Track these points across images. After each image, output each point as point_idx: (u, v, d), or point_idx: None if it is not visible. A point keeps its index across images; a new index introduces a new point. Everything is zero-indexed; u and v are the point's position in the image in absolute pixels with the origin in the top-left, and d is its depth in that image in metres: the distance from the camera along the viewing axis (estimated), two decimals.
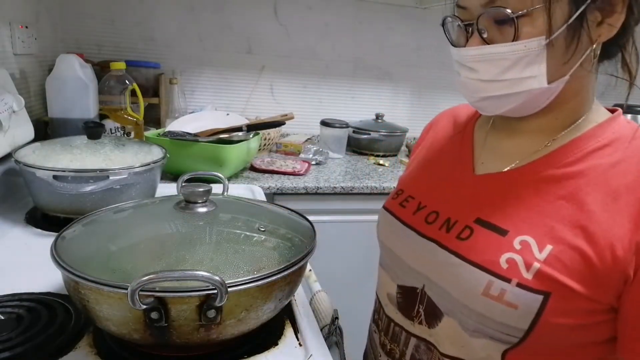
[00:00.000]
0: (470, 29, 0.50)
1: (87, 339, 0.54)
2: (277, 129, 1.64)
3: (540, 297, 0.45)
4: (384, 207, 0.65)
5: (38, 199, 0.88)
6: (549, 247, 0.46)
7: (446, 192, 0.58)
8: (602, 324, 0.46)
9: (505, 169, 0.54)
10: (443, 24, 0.55)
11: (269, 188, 1.29)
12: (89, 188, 0.82)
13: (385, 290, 0.61)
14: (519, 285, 0.45)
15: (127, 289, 0.42)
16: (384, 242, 0.63)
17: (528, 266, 0.46)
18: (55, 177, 0.81)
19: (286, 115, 1.42)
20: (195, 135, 1.29)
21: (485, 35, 0.49)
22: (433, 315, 0.54)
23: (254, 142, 1.37)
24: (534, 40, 0.46)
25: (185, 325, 0.46)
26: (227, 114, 1.50)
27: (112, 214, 0.64)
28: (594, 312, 0.45)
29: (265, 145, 1.67)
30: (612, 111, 0.54)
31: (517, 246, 0.47)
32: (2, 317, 0.56)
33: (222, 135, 1.28)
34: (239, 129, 1.32)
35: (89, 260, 0.50)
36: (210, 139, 1.26)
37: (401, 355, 0.59)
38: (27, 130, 1.05)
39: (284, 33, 1.81)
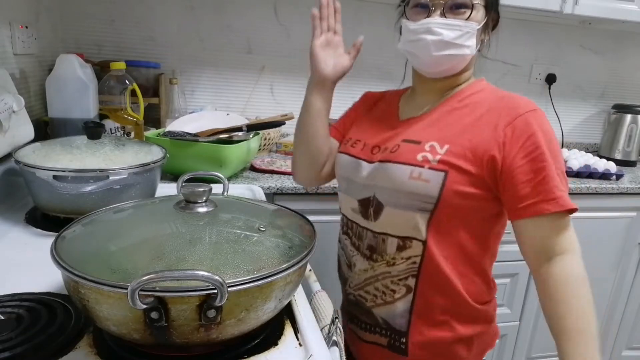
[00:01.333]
0: (433, 8, 0.77)
1: (87, 339, 0.54)
2: (277, 129, 1.63)
3: (442, 174, 0.74)
4: (341, 152, 0.91)
5: (38, 199, 0.88)
6: (446, 146, 0.76)
7: (381, 133, 0.86)
8: (488, 200, 0.77)
9: (419, 114, 0.84)
10: (404, 4, 0.82)
11: (269, 188, 1.29)
12: (89, 188, 0.82)
13: (349, 207, 0.88)
14: (429, 168, 0.75)
15: (127, 288, 0.42)
16: (342, 175, 0.89)
17: (434, 157, 0.75)
18: (55, 177, 0.81)
19: (286, 115, 1.42)
20: (195, 135, 1.29)
21: (443, 15, 0.77)
22: (378, 211, 0.81)
23: (254, 142, 1.37)
24: (474, 23, 0.78)
25: (185, 325, 0.46)
26: (227, 114, 1.50)
27: (112, 214, 0.64)
28: (478, 185, 0.75)
29: (265, 145, 1.67)
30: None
31: (427, 148, 0.77)
32: (2, 317, 0.56)
33: (222, 135, 1.28)
34: (239, 129, 1.32)
35: (89, 260, 0.50)
36: (210, 139, 1.26)
37: (360, 245, 0.86)
38: (27, 130, 1.05)
39: (284, 33, 1.81)
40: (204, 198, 0.60)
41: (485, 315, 0.85)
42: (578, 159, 1.70)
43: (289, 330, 0.59)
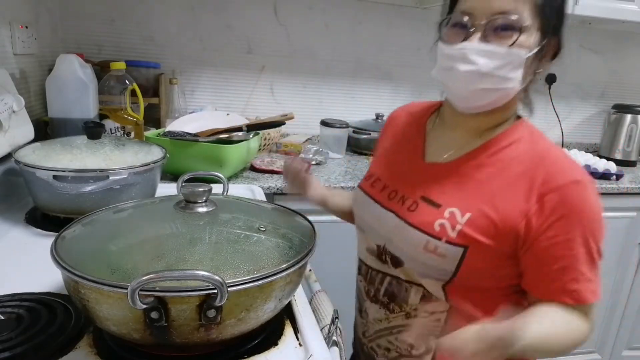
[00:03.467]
0: (472, 29, 0.63)
1: (87, 339, 0.54)
2: (277, 129, 1.63)
3: (461, 250, 0.64)
4: (359, 187, 0.82)
5: (38, 199, 0.88)
6: (467, 214, 0.65)
7: (404, 176, 0.75)
8: (507, 267, 0.66)
9: (444, 157, 0.72)
10: (442, 23, 0.68)
11: (269, 188, 1.29)
12: (89, 188, 0.82)
13: (364, 246, 0.79)
14: (447, 241, 0.64)
15: (127, 288, 0.42)
16: (358, 213, 0.81)
17: (453, 228, 0.64)
18: (55, 177, 0.81)
19: (286, 115, 1.42)
20: (195, 135, 1.29)
21: (483, 38, 0.62)
22: (396, 262, 0.72)
23: (254, 142, 1.37)
24: (523, 50, 0.62)
25: (185, 325, 0.46)
26: (227, 114, 1.50)
27: (112, 214, 0.64)
28: (499, 258, 0.65)
29: (265, 145, 1.67)
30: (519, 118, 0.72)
31: (447, 215, 0.66)
32: (2, 317, 0.56)
33: (222, 135, 1.28)
34: (239, 129, 1.32)
35: (89, 260, 0.50)
36: (210, 139, 1.26)
37: (376, 292, 0.76)
38: (27, 130, 1.05)
39: (284, 33, 1.81)
40: (204, 198, 0.60)
41: None
42: (578, 159, 1.70)
43: (289, 330, 0.59)
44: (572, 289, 0.62)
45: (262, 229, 0.59)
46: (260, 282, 0.48)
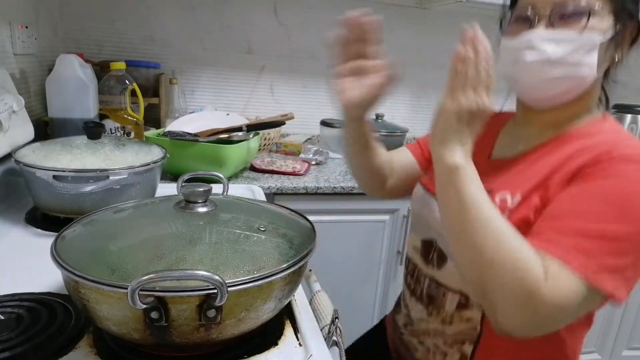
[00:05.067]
0: (536, 18, 0.60)
1: (87, 339, 0.54)
2: (277, 129, 1.64)
3: None
4: (420, 181, 0.81)
5: (38, 199, 0.88)
6: (518, 196, 0.61)
7: None
8: None
9: (512, 154, 0.68)
10: (503, 20, 0.67)
11: (269, 188, 1.29)
12: (89, 188, 0.82)
13: (412, 244, 0.79)
14: None
15: (127, 288, 0.42)
16: (414, 207, 0.79)
17: (502, 212, 0.59)
18: (55, 177, 0.81)
19: (286, 115, 1.42)
20: (195, 135, 1.29)
21: (550, 26, 0.59)
22: (440, 261, 0.70)
23: (254, 142, 1.37)
24: (596, 34, 0.58)
25: (185, 324, 0.46)
26: (227, 114, 1.50)
27: (112, 214, 0.64)
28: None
29: (265, 145, 1.67)
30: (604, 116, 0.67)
31: (497, 201, 0.62)
32: (2, 317, 0.56)
33: (222, 135, 1.28)
34: (239, 129, 1.32)
35: (89, 260, 0.50)
36: (210, 139, 1.26)
37: (421, 291, 0.75)
38: (27, 130, 1.05)
39: (284, 33, 1.81)
40: (204, 198, 0.60)
41: None
42: None
43: (289, 330, 0.59)
44: (548, 236, 0.53)
45: (262, 229, 0.59)
46: (260, 282, 0.48)
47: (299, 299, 0.65)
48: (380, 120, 1.84)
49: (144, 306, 0.44)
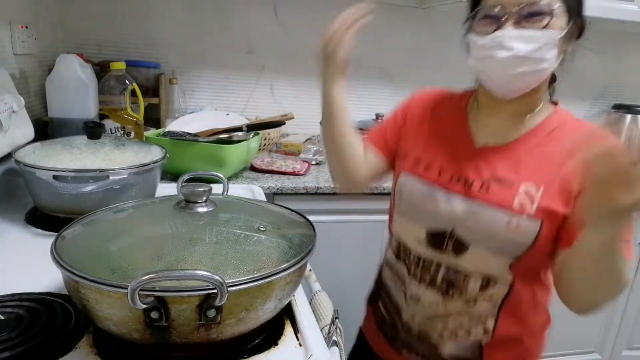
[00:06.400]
0: (505, 17, 0.66)
1: (87, 339, 0.54)
2: (277, 129, 1.63)
3: (538, 222, 0.68)
4: (411, 172, 0.81)
5: (38, 199, 0.88)
6: (541, 189, 0.68)
7: (460, 159, 0.76)
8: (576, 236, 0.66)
9: (494, 141, 0.75)
10: (474, 16, 0.71)
11: (269, 188, 1.29)
12: (89, 188, 0.82)
13: (413, 235, 0.80)
14: (527, 217, 0.68)
15: (127, 288, 0.42)
16: (409, 199, 0.80)
17: (532, 204, 0.68)
18: (55, 177, 0.81)
19: (286, 115, 1.42)
20: (195, 135, 1.29)
21: (517, 24, 0.66)
22: (461, 249, 0.74)
23: (254, 142, 1.37)
24: (555, 32, 0.66)
25: (185, 324, 0.46)
26: (227, 114, 1.50)
27: (112, 214, 0.64)
28: (569, 225, 0.68)
29: (265, 145, 1.67)
30: (555, 103, 0.79)
31: (522, 191, 0.69)
32: (2, 317, 0.56)
33: (222, 135, 1.28)
34: (239, 129, 1.32)
35: (89, 260, 0.50)
36: (210, 139, 1.26)
37: (432, 279, 0.77)
38: (27, 130, 1.05)
39: (284, 33, 1.81)
40: (204, 198, 0.60)
41: (544, 343, 0.83)
42: None
43: (289, 330, 0.59)
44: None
45: (262, 229, 0.59)
46: (260, 282, 0.48)
47: (299, 299, 0.65)
48: (380, 120, 1.84)
49: (144, 306, 0.44)
